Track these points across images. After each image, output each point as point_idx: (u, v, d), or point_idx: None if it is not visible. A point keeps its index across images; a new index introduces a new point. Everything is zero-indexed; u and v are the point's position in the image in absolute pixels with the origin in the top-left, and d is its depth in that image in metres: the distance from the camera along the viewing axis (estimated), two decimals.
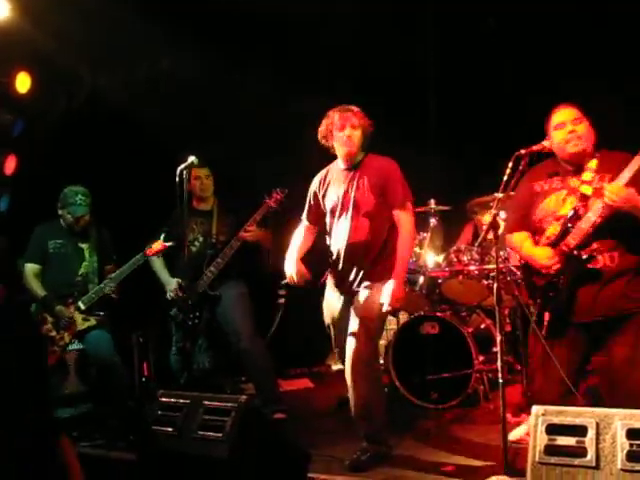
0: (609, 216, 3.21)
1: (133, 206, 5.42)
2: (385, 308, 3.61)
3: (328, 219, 3.92)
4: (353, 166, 3.83)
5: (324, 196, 3.94)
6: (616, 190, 3.13)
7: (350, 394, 3.71)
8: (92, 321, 4.45)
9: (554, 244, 3.33)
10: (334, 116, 3.80)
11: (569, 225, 3.29)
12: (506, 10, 5.68)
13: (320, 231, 4.04)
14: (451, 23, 6.12)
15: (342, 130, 3.76)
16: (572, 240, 3.26)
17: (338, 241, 3.83)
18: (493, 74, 6.02)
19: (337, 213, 3.83)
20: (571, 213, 3.30)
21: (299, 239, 4.02)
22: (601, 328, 3.27)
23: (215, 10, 5.48)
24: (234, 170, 5.56)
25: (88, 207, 4.56)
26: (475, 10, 5.82)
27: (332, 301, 3.91)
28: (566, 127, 3.35)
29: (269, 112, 5.85)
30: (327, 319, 3.97)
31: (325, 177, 3.98)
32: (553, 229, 3.37)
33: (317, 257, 4.08)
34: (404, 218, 3.71)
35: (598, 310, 3.24)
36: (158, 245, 4.49)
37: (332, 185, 3.90)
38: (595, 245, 3.24)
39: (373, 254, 3.73)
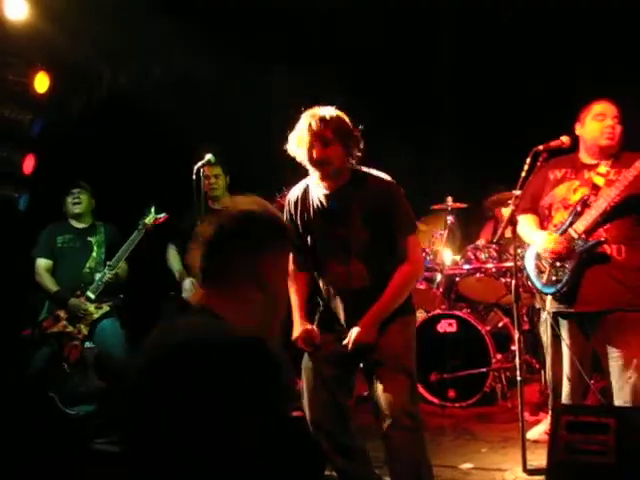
0: (620, 203, 3.18)
1: (147, 204, 5.43)
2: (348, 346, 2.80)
3: (313, 256, 2.96)
4: (337, 189, 2.85)
5: (304, 228, 2.94)
6: None
7: (391, 459, 2.80)
8: (105, 307, 4.52)
9: (562, 231, 3.31)
10: (301, 129, 2.76)
11: (578, 210, 3.27)
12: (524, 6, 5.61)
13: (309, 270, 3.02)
14: (468, 20, 6.06)
15: (311, 150, 2.75)
16: (581, 226, 3.24)
17: (331, 285, 2.94)
18: (510, 72, 5.97)
19: (323, 251, 2.92)
20: (580, 201, 3.28)
21: (294, 295, 2.99)
22: (604, 322, 3.21)
23: (236, 8, 5.45)
24: (249, 169, 5.54)
25: (84, 202, 4.71)
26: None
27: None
28: (606, 120, 3.33)
29: (286, 110, 5.81)
30: (310, 367, 3.12)
31: (302, 202, 2.95)
32: (560, 216, 3.36)
33: None
34: (410, 248, 2.84)
35: (605, 301, 3.20)
36: (152, 219, 4.60)
37: (314, 214, 2.91)
38: (603, 234, 3.21)
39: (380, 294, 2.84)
